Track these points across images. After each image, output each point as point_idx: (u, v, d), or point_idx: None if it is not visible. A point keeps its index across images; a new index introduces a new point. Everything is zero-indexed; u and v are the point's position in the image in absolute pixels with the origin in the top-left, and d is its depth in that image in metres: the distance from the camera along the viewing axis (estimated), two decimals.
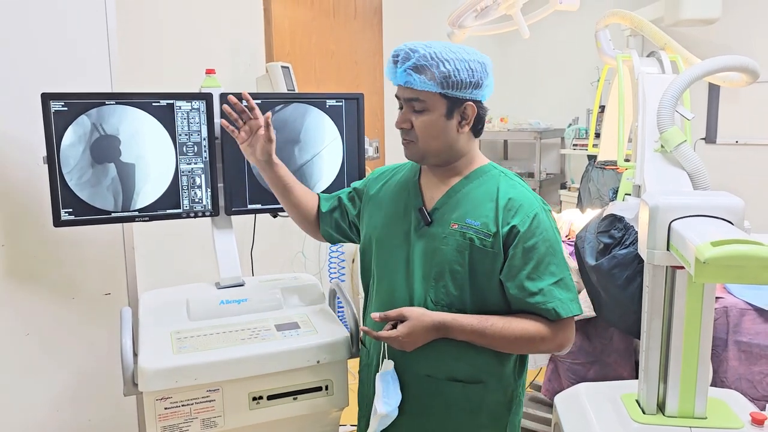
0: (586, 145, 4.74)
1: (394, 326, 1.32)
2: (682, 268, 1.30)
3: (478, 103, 1.35)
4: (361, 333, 1.55)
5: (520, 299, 1.32)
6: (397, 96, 1.37)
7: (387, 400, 1.33)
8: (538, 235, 1.32)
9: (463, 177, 1.40)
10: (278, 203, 1.82)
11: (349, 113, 1.86)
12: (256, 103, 1.76)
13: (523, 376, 1.47)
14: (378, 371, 1.40)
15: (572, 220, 2.58)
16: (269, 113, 1.54)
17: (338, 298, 1.83)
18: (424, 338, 1.31)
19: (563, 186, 5.22)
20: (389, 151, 4.13)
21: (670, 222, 1.27)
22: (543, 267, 1.32)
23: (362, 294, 1.53)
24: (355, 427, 1.58)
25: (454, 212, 1.37)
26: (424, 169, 1.47)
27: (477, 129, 1.39)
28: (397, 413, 1.35)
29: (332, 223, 1.63)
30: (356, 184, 1.64)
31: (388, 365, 1.38)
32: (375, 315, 1.33)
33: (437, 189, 1.42)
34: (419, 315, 1.30)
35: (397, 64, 1.31)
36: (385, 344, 1.37)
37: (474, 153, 1.42)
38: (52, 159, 1.61)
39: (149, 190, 1.72)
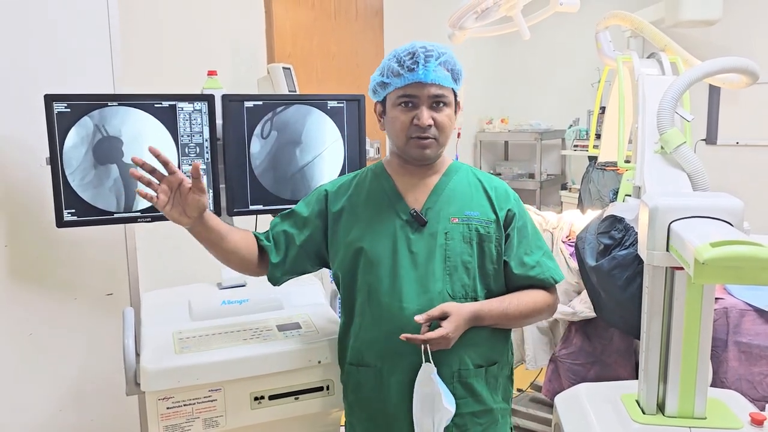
0: (587, 146, 4.75)
1: (430, 327, 1.31)
2: (682, 269, 1.30)
3: None
4: (350, 355, 1.46)
5: (522, 274, 1.43)
6: (409, 95, 1.34)
7: (450, 398, 1.33)
8: (524, 215, 1.48)
9: (441, 174, 1.46)
10: (280, 204, 1.83)
11: (351, 114, 1.87)
12: (258, 105, 1.78)
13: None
14: (414, 379, 1.34)
15: (573, 221, 2.59)
16: (198, 162, 1.35)
17: (339, 299, 1.83)
18: (462, 331, 1.34)
19: (564, 187, 5.22)
20: None
21: (670, 223, 1.27)
22: (533, 242, 1.47)
23: None
24: None
25: (449, 207, 1.42)
26: (395, 174, 1.47)
27: None
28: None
29: (288, 270, 1.50)
30: (300, 208, 1.51)
31: (431, 368, 1.32)
32: (419, 317, 1.29)
33: (419, 190, 1.45)
34: (458, 309, 1.33)
35: (429, 60, 1.32)
36: (428, 347, 1.30)
37: None
38: (55, 160, 1.62)
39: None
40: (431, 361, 1.32)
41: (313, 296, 1.79)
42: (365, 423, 1.47)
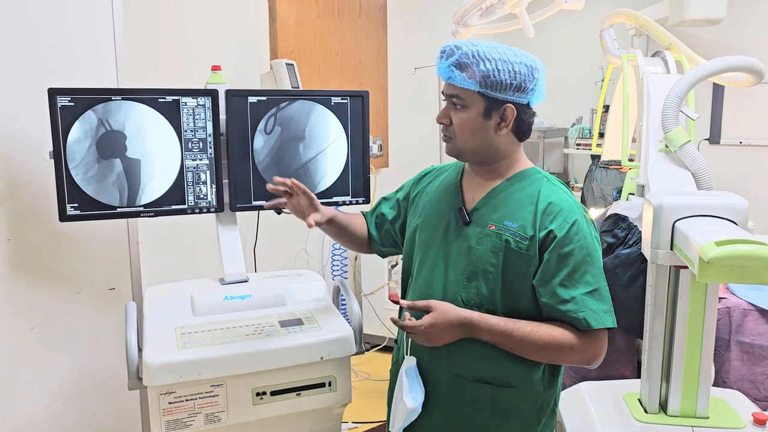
0: (590, 145, 4.74)
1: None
2: (686, 267, 1.30)
3: (521, 106, 1.33)
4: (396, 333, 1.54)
5: (552, 306, 1.29)
6: (442, 92, 1.38)
7: (414, 395, 1.33)
8: (576, 242, 1.28)
9: (505, 179, 1.39)
10: None
11: (354, 111, 1.87)
12: (262, 100, 1.79)
13: (556, 386, 1.42)
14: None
15: None
16: (292, 180, 1.48)
17: (341, 295, 1.83)
18: (450, 334, 1.29)
19: (566, 185, 5.21)
20: (392, 150, 4.14)
21: (674, 222, 1.27)
22: (578, 275, 1.28)
23: (365, 292, 1.53)
24: (358, 425, 1.59)
25: (494, 213, 1.35)
26: (467, 171, 1.46)
27: (521, 132, 1.36)
28: (420, 409, 1.34)
29: (381, 240, 1.64)
30: (399, 189, 1.65)
31: (410, 361, 1.37)
32: (404, 302, 1.34)
33: (479, 190, 1.41)
34: (445, 308, 1.29)
35: (442, 59, 1.32)
36: (409, 340, 1.35)
37: (517, 156, 1.40)
38: (59, 154, 1.62)
39: (154, 185, 1.73)
40: (409, 354, 1.37)
41: (315, 292, 1.79)
42: (387, 394, 1.53)
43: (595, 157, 4.30)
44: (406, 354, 1.38)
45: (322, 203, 1.63)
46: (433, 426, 1.39)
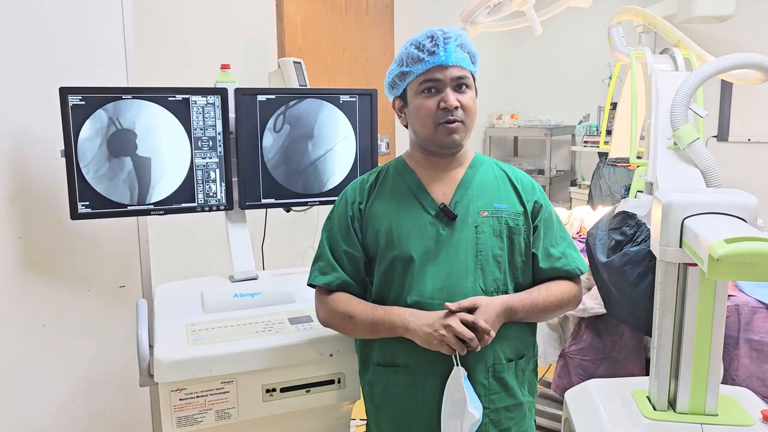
0: (597, 142, 4.73)
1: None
2: (695, 265, 1.30)
3: None
4: (377, 355, 1.41)
5: (549, 266, 1.43)
6: (432, 79, 1.32)
7: (476, 404, 1.29)
8: (549, 206, 1.48)
9: (467, 167, 1.45)
10: (292, 197, 1.85)
11: (363, 109, 1.88)
12: (271, 98, 1.80)
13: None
14: (447, 381, 1.32)
15: (583, 217, 2.58)
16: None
17: None
18: (496, 325, 1.31)
19: (573, 183, 5.21)
20: (400, 147, 4.15)
21: (683, 219, 1.27)
22: (557, 233, 1.47)
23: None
24: (365, 422, 1.57)
25: (479, 201, 1.40)
26: (419, 168, 1.43)
27: None
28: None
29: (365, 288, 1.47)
30: (339, 232, 1.45)
31: (461, 372, 1.30)
32: (450, 305, 1.27)
33: (445, 183, 1.42)
34: (489, 302, 1.31)
35: (448, 42, 1.32)
36: (457, 353, 1.28)
37: None
38: (70, 152, 1.63)
39: (164, 183, 1.74)
40: (459, 363, 1.30)
41: None
42: (395, 425, 1.41)
43: (603, 155, 4.29)
44: (457, 364, 1.30)
45: (328, 201, 1.62)
46: (481, 425, 1.34)
